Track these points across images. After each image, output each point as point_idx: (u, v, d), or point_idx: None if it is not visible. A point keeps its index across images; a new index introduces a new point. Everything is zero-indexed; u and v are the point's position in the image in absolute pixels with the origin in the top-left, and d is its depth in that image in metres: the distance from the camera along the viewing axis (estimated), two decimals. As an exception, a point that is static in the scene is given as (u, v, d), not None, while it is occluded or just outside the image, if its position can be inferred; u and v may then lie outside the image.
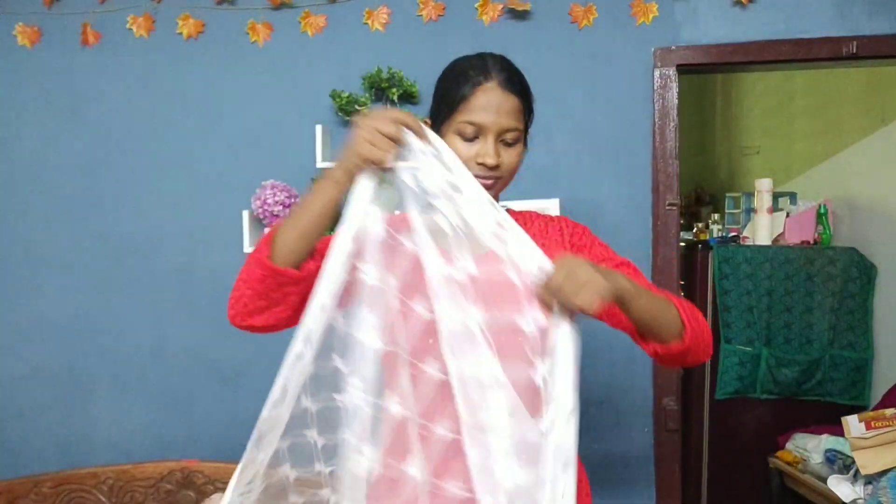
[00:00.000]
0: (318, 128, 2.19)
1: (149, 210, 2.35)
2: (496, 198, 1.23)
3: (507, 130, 1.19)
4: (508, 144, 1.20)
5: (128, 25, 2.32)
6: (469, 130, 1.17)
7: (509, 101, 1.19)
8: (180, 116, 2.33)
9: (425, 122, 1.25)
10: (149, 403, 2.36)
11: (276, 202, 2.17)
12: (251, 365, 2.33)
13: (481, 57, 1.22)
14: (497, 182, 1.21)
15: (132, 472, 2.23)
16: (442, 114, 1.21)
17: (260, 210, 2.18)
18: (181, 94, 2.33)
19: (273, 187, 2.19)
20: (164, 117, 2.34)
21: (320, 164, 2.19)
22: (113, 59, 2.34)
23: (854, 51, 2.11)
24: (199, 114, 2.33)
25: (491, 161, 1.17)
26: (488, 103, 1.17)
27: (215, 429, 2.34)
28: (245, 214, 2.21)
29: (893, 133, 3.14)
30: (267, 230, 2.24)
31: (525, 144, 1.26)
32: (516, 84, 1.21)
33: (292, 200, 2.20)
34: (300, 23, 2.27)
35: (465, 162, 1.16)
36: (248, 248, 2.21)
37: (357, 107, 2.17)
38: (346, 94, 2.17)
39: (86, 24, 2.32)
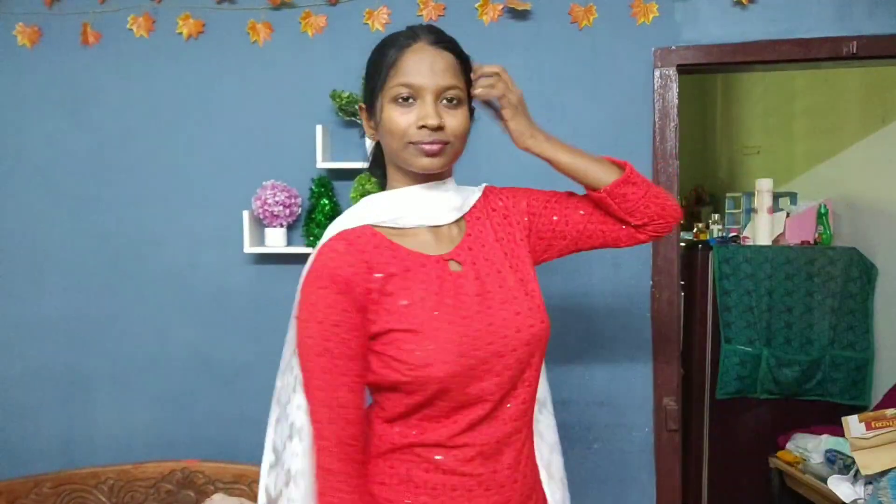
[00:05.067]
0: (318, 128, 2.18)
1: (149, 210, 2.35)
2: (448, 169, 1.18)
3: (447, 88, 1.09)
4: (451, 106, 1.11)
5: (128, 25, 2.32)
6: (404, 92, 1.09)
7: (443, 58, 1.10)
8: (180, 116, 2.33)
9: (360, 108, 1.21)
10: (149, 403, 2.36)
11: (276, 202, 2.17)
12: (252, 365, 2.33)
13: (409, 27, 1.16)
14: (445, 148, 1.11)
15: (133, 472, 2.23)
16: (375, 88, 1.13)
17: (260, 210, 2.18)
18: (181, 94, 2.33)
19: (273, 187, 2.19)
20: (164, 117, 2.34)
21: (320, 164, 2.19)
22: (113, 59, 2.34)
23: (854, 51, 2.10)
24: (200, 113, 2.33)
25: (433, 121, 1.07)
26: (420, 61, 1.09)
27: (216, 429, 2.34)
28: (245, 214, 2.21)
29: (893, 133, 3.14)
30: (267, 230, 2.24)
31: (471, 111, 1.18)
32: (447, 41, 1.13)
33: (292, 200, 2.20)
34: (300, 23, 2.27)
35: (405, 131, 1.09)
36: (248, 248, 2.21)
37: (357, 107, 2.17)
38: (346, 94, 2.17)
39: (86, 24, 2.32)
